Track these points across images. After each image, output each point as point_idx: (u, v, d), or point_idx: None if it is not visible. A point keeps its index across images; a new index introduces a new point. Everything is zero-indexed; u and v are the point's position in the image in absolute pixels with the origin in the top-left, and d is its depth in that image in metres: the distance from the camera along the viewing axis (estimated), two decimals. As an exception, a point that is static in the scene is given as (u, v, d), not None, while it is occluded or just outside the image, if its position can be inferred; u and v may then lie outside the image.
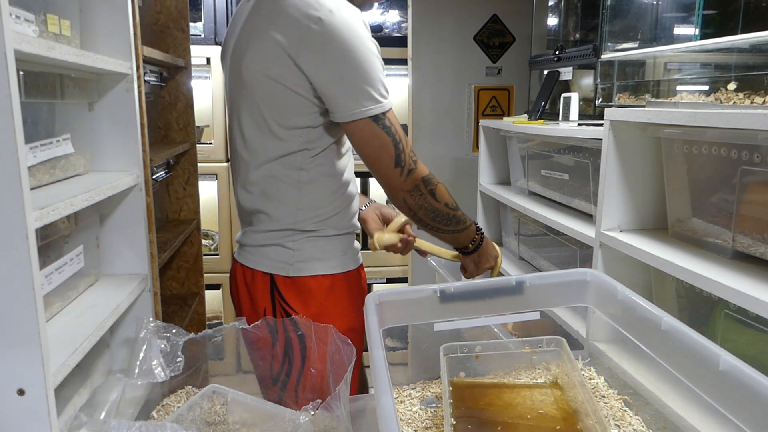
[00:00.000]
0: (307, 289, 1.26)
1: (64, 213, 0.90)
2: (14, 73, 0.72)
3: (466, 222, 1.33)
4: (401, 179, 1.19)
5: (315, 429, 0.95)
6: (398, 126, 1.18)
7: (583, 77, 1.84)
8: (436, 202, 1.24)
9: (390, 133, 1.16)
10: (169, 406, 1.12)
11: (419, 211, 1.24)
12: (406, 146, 1.18)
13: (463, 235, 1.33)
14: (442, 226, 1.28)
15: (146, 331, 1.06)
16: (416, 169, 1.20)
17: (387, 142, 1.16)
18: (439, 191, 1.24)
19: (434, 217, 1.26)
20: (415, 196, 1.22)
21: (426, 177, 1.22)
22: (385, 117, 1.15)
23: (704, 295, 1.05)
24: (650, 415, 0.99)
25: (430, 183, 1.23)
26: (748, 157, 0.95)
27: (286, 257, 1.25)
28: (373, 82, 1.13)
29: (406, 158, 1.19)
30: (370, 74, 1.12)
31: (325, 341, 1.16)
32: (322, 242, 1.26)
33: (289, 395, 1.23)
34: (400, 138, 1.18)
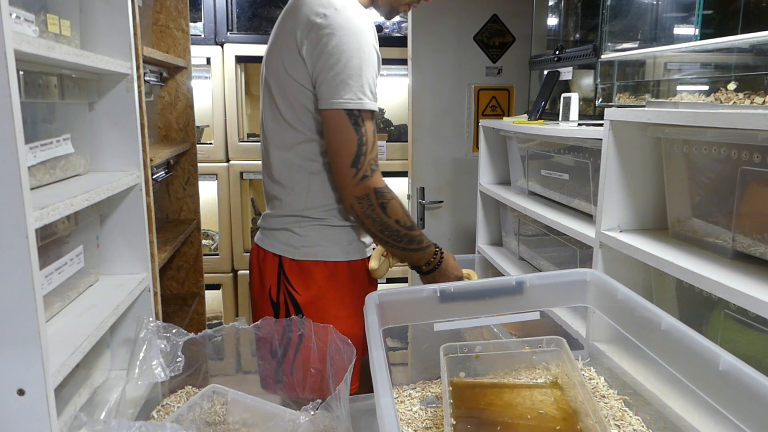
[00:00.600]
0: (309, 273, 1.32)
1: (64, 213, 0.90)
2: (14, 73, 0.72)
3: (422, 243, 1.33)
4: (353, 181, 1.21)
5: (315, 429, 0.95)
6: (371, 132, 1.20)
7: (583, 77, 1.84)
8: (386, 216, 1.25)
9: (358, 132, 1.19)
10: (169, 406, 1.12)
11: (366, 221, 1.27)
12: (369, 153, 1.21)
13: (416, 255, 1.34)
14: (391, 240, 1.29)
15: (146, 331, 1.06)
16: (371, 177, 1.22)
17: (352, 138, 1.19)
18: (392, 207, 1.25)
19: (382, 230, 1.27)
20: (364, 204, 1.24)
21: (379, 189, 1.24)
22: (360, 116, 1.18)
23: (704, 295, 1.05)
24: (650, 415, 0.99)
25: (382, 196, 1.24)
26: (748, 157, 0.95)
27: (294, 241, 1.33)
28: (359, 79, 1.16)
29: (365, 163, 1.20)
30: (357, 72, 1.16)
31: (325, 341, 1.16)
32: (328, 231, 1.32)
33: (286, 370, 1.24)
34: (367, 142, 1.20)
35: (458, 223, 2.83)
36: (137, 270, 1.30)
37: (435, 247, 1.37)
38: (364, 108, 1.18)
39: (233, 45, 2.81)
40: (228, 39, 2.83)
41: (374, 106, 1.20)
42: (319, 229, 1.32)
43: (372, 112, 1.21)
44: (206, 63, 2.85)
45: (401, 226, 1.28)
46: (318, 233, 1.32)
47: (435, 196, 2.78)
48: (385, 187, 1.25)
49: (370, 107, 1.19)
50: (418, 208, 2.78)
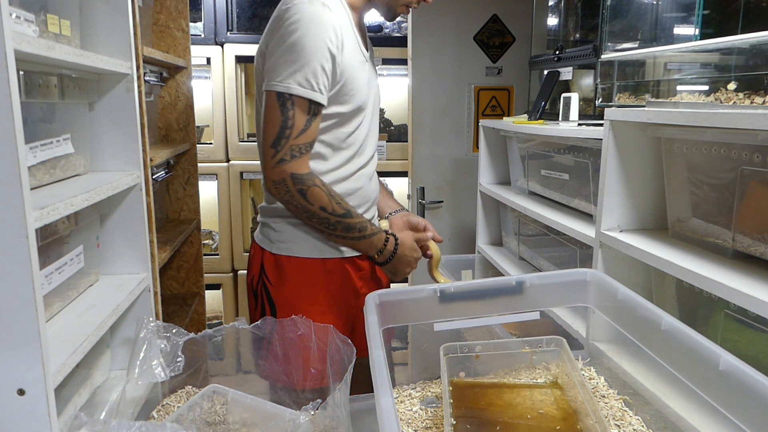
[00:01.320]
0: (282, 268, 1.36)
1: (64, 213, 0.90)
2: (14, 73, 0.72)
3: (365, 231, 1.32)
4: (270, 163, 1.22)
5: (315, 429, 0.95)
6: (302, 119, 1.21)
7: (583, 77, 1.84)
8: (307, 203, 1.25)
9: (285, 116, 1.20)
10: (169, 406, 1.12)
11: (289, 207, 1.29)
12: (292, 138, 1.21)
13: (361, 243, 1.34)
14: (324, 228, 1.30)
15: (146, 331, 1.06)
16: (289, 162, 1.22)
17: (277, 120, 1.21)
18: (313, 193, 1.25)
19: (309, 217, 1.28)
20: (281, 189, 1.25)
21: (297, 175, 1.23)
22: (291, 100, 1.20)
23: (704, 295, 1.05)
24: (650, 415, 0.99)
25: (300, 182, 1.24)
26: (748, 157, 0.95)
27: (271, 236, 1.37)
28: (297, 67, 1.18)
29: (285, 147, 1.21)
30: (298, 60, 1.18)
31: (325, 341, 1.16)
32: (302, 228, 1.35)
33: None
34: (293, 127, 1.21)
35: (458, 223, 2.83)
36: (137, 270, 1.30)
37: (386, 234, 1.36)
38: (293, 93, 1.19)
39: (233, 45, 2.81)
40: (228, 39, 2.83)
41: (307, 94, 1.19)
42: (294, 226, 1.35)
43: (309, 102, 1.21)
44: (206, 63, 2.85)
45: (330, 214, 1.27)
46: (292, 229, 1.35)
47: (435, 196, 2.78)
48: (308, 174, 1.25)
49: (301, 94, 1.19)
50: (418, 208, 2.78)
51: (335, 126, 1.32)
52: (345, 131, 1.33)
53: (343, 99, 1.29)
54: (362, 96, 1.33)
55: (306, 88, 1.19)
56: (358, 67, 1.32)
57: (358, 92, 1.31)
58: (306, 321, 1.19)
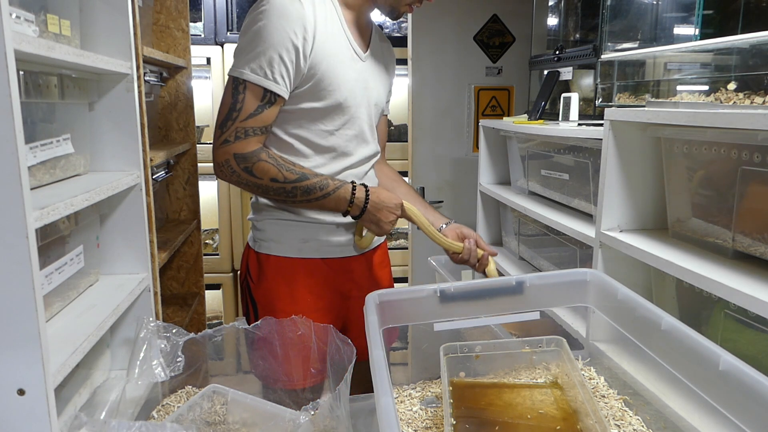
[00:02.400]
0: (262, 266, 1.37)
1: (64, 213, 0.90)
2: (14, 73, 0.72)
3: (326, 188, 1.27)
4: (216, 143, 1.23)
5: (315, 429, 0.95)
6: (250, 105, 1.21)
7: (583, 77, 1.84)
8: (256, 178, 1.24)
9: (235, 99, 1.21)
10: (169, 406, 1.12)
11: (241, 187, 1.29)
12: (239, 121, 1.21)
13: (329, 201, 1.28)
14: (286, 198, 1.27)
15: (146, 331, 1.06)
16: (232, 143, 1.22)
17: (227, 103, 1.22)
18: (260, 167, 1.23)
19: (266, 192, 1.26)
20: (226, 171, 1.25)
21: (240, 154, 1.22)
22: (243, 85, 1.20)
23: (704, 295, 1.05)
24: (650, 415, 0.99)
25: (244, 160, 1.23)
26: (748, 157, 0.95)
27: (255, 234, 1.39)
28: (254, 55, 1.19)
29: (231, 128, 1.21)
30: (256, 48, 1.18)
31: (325, 341, 1.16)
32: (282, 225, 1.35)
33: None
34: (240, 110, 1.21)
35: (458, 223, 2.82)
36: (137, 270, 1.30)
37: (354, 184, 1.30)
38: (245, 78, 1.19)
39: (233, 45, 2.81)
40: (228, 39, 2.83)
41: (260, 81, 1.19)
42: (274, 224, 1.35)
43: (263, 90, 1.20)
44: (206, 63, 2.85)
45: (283, 182, 1.24)
46: (272, 227, 1.35)
47: (435, 196, 2.78)
48: (252, 151, 1.22)
49: (253, 80, 1.19)
50: (418, 208, 2.78)
51: (311, 122, 1.29)
52: (325, 129, 1.30)
53: (320, 95, 1.27)
54: (344, 93, 1.29)
55: (259, 75, 1.19)
56: (345, 64, 1.29)
57: (338, 89, 1.28)
58: (306, 321, 1.19)
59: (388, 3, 1.34)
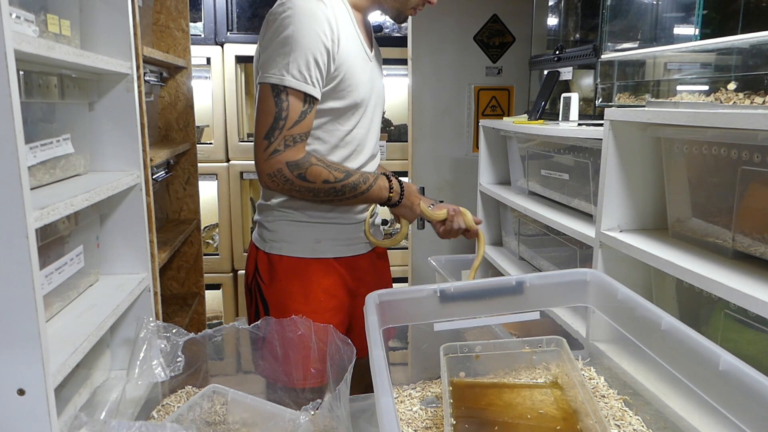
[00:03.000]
0: (274, 267, 1.37)
1: (64, 213, 0.90)
2: (14, 73, 0.72)
3: (369, 182, 1.31)
4: (264, 155, 1.22)
5: (315, 429, 0.95)
6: (297, 111, 1.21)
7: (583, 77, 1.84)
8: (309, 183, 1.25)
9: (279, 107, 1.20)
10: (169, 406, 1.12)
11: (293, 194, 1.29)
12: (286, 129, 1.21)
13: (372, 193, 1.32)
14: (336, 199, 1.30)
15: (146, 331, 1.06)
16: (283, 152, 1.22)
17: (271, 111, 1.20)
18: (312, 172, 1.25)
19: (316, 195, 1.28)
20: (278, 181, 1.24)
21: (293, 161, 1.23)
22: (285, 92, 1.20)
23: (704, 295, 1.05)
24: (650, 415, 0.99)
25: (297, 167, 1.24)
26: (748, 157, 0.95)
27: (264, 235, 1.38)
28: (290, 59, 1.18)
29: (279, 137, 1.21)
30: (290, 52, 1.18)
31: (325, 341, 1.16)
32: (294, 226, 1.35)
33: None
34: (287, 118, 1.20)
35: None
36: (137, 270, 1.30)
37: (388, 175, 1.36)
38: (287, 84, 1.19)
39: (233, 45, 2.81)
40: (228, 39, 2.83)
41: (301, 87, 1.19)
42: (286, 224, 1.35)
43: (303, 94, 1.21)
44: (206, 63, 2.85)
45: (334, 183, 1.27)
46: (284, 228, 1.35)
47: (435, 196, 2.77)
48: (303, 158, 1.24)
49: (294, 86, 1.19)
50: (418, 208, 2.77)
51: (331, 122, 1.31)
52: (342, 128, 1.33)
53: (340, 94, 1.29)
54: (361, 93, 1.32)
55: (300, 81, 1.19)
56: (360, 64, 1.32)
57: (357, 89, 1.31)
58: (306, 321, 1.19)
59: (394, 6, 1.36)
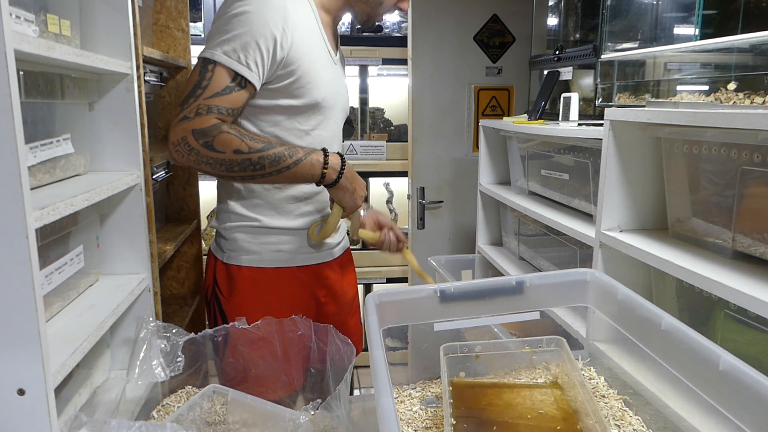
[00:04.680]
0: (233, 278, 1.33)
1: (64, 213, 0.90)
2: (14, 73, 0.72)
3: (296, 155, 1.19)
4: (174, 122, 1.13)
5: (315, 429, 0.95)
6: (217, 84, 1.13)
7: (583, 77, 1.84)
8: (217, 153, 1.13)
9: (201, 77, 1.14)
10: (169, 406, 1.12)
11: (201, 167, 1.16)
12: (202, 98, 1.12)
13: (299, 171, 1.19)
14: (253, 173, 1.16)
15: (146, 331, 1.06)
16: (192, 119, 1.11)
17: (193, 81, 1.14)
18: (221, 140, 1.13)
19: (230, 168, 1.15)
20: (182, 151, 1.13)
21: (198, 129, 1.12)
22: (212, 64, 1.14)
23: (704, 295, 1.05)
24: (650, 415, 0.99)
25: (203, 135, 1.12)
26: (748, 157, 0.95)
27: (222, 245, 1.35)
28: (229, 38, 1.14)
29: (192, 105, 1.12)
30: (231, 31, 1.14)
31: (325, 341, 1.16)
32: (253, 234, 1.32)
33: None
34: (206, 87, 1.13)
35: (458, 223, 2.83)
36: (137, 270, 1.30)
37: (326, 152, 1.23)
38: (216, 59, 1.13)
39: (233, 45, 2.81)
40: (228, 39, 2.83)
41: (231, 64, 1.13)
42: (244, 234, 1.31)
43: (233, 72, 1.14)
44: (206, 63, 2.84)
45: (248, 153, 1.14)
46: (242, 238, 1.31)
47: (435, 196, 2.78)
48: (212, 125, 1.12)
49: (223, 61, 1.13)
50: (418, 208, 2.78)
51: (288, 120, 1.27)
52: (301, 128, 1.29)
53: (298, 92, 1.24)
54: (322, 93, 1.28)
55: (232, 59, 1.13)
56: (322, 64, 1.29)
57: (317, 88, 1.27)
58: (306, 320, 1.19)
59: (364, 10, 1.33)
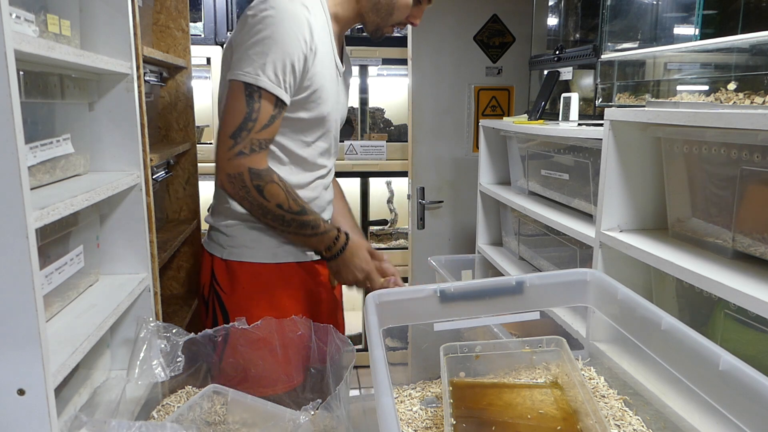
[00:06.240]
0: (235, 274, 1.33)
1: (64, 213, 0.90)
2: (14, 73, 0.72)
3: (318, 228, 1.28)
4: (227, 154, 1.18)
5: (315, 429, 0.95)
6: (267, 113, 1.17)
7: (583, 77, 1.84)
8: (264, 200, 1.21)
9: (250, 108, 1.16)
10: (169, 406, 1.12)
11: (243, 203, 1.24)
12: (255, 132, 1.17)
13: (312, 240, 1.29)
14: (278, 225, 1.26)
15: (146, 331, 1.06)
16: (248, 156, 1.18)
17: (241, 111, 1.16)
18: (270, 190, 1.21)
19: (264, 214, 1.24)
20: (236, 185, 1.20)
21: (255, 169, 1.19)
22: (258, 93, 1.16)
23: (704, 295, 1.05)
24: (650, 415, 0.99)
25: (258, 178, 1.19)
26: (748, 157, 0.95)
27: (222, 241, 1.35)
28: (266, 60, 1.14)
29: (246, 139, 1.17)
30: (268, 53, 1.14)
31: (325, 341, 1.16)
32: (255, 232, 1.32)
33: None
34: (256, 120, 1.16)
35: (458, 223, 2.82)
36: (137, 270, 1.30)
37: (339, 232, 1.31)
38: (260, 85, 1.15)
39: (233, 45, 2.81)
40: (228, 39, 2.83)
41: (274, 89, 1.16)
42: (247, 230, 1.32)
43: (275, 98, 1.17)
44: (206, 63, 2.85)
45: (286, 211, 1.23)
46: (245, 234, 1.32)
47: (435, 196, 2.78)
48: (266, 170, 1.21)
49: (268, 87, 1.16)
50: (418, 208, 2.78)
51: (296, 132, 1.29)
52: (306, 139, 1.31)
53: (310, 106, 1.26)
54: (329, 107, 1.30)
55: (274, 84, 1.16)
56: (331, 77, 1.30)
57: (325, 103, 1.28)
58: (306, 320, 1.19)
59: (374, 21, 1.33)
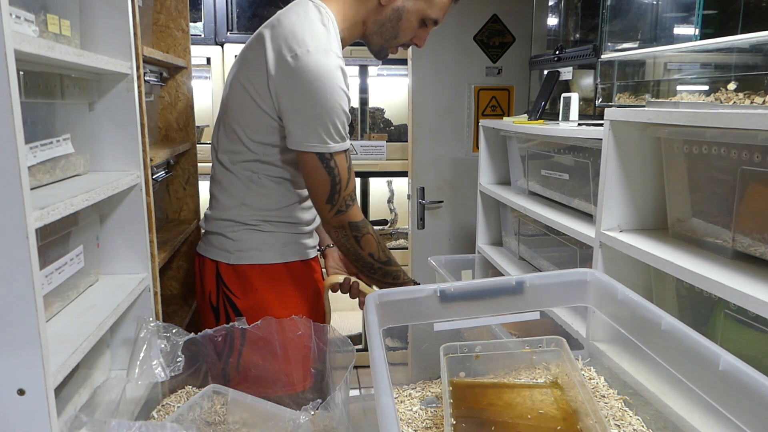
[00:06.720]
0: (246, 277, 1.36)
1: (64, 213, 0.90)
2: (14, 73, 0.72)
3: (398, 279, 1.39)
4: (329, 215, 1.29)
5: (315, 429, 0.95)
6: (344, 168, 1.26)
7: (583, 77, 1.84)
8: (359, 248, 1.33)
9: (331, 173, 1.24)
10: (169, 406, 1.12)
11: (342, 248, 1.35)
12: (344, 189, 1.27)
13: (391, 287, 1.33)
14: (365, 271, 1.38)
15: (146, 331, 1.06)
16: (346, 213, 1.29)
17: (325, 179, 1.25)
18: (366, 241, 1.33)
19: (357, 260, 1.36)
20: (340, 235, 1.32)
21: (354, 223, 1.30)
22: (332, 158, 1.23)
23: (704, 295, 1.05)
24: (650, 415, 0.99)
25: (357, 230, 1.31)
26: (748, 157, 0.95)
27: (228, 246, 1.36)
28: (326, 123, 1.20)
29: (340, 199, 1.27)
30: (325, 116, 1.20)
31: (325, 341, 1.16)
32: (261, 235, 1.36)
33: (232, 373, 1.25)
34: (341, 180, 1.25)
35: (458, 223, 2.82)
36: (137, 270, 1.30)
37: (414, 283, 1.40)
38: (332, 151, 1.23)
39: (233, 45, 2.81)
40: (228, 39, 2.83)
41: (344, 146, 1.25)
42: (252, 234, 1.35)
43: (344, 151, 1.26)
44: (206, 63, 2.85)
45: (375, 260, 1.35)
46: (251, 237, 1.35)
47: (435, 196, 2.78)
48: (362, 221, 1.32)
49: (339, 149, 1.24)
50: (418, 208, 2.78)
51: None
52: None
53: None
54: None
55: (340, 141, 1.23)
56: None
57: None
58: (305, 320, 1.19)
59: (378, 42, 1.38)
